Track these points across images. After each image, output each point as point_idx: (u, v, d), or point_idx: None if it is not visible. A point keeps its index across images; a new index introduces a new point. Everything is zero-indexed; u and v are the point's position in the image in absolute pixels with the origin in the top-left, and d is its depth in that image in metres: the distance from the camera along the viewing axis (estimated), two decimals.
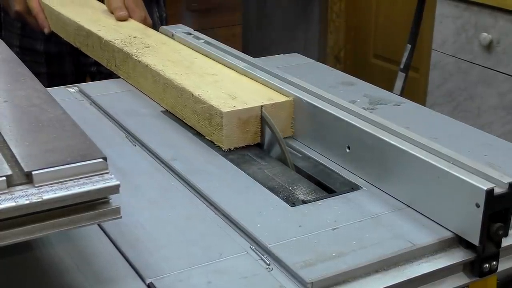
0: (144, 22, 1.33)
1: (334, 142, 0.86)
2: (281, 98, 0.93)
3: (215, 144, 0.90)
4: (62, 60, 1.52)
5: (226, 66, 1.06)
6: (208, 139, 0.91)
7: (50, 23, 1.36)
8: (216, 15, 3.06)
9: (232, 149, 0.89)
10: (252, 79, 1.00)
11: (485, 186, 0.66)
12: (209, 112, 0.89)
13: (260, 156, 0.89)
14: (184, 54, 1.12)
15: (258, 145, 0.91)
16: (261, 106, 0.90)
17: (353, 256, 0.66)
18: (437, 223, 0.71)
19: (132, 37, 1.19)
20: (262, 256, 0.67)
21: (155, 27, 1.32)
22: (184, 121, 0.97)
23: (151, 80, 1.05)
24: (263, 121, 0.90)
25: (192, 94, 0.93)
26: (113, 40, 1.16)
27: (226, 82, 0.98)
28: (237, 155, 0.88)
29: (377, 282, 0.65)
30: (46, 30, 1.35)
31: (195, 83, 0.97)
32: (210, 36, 1.21)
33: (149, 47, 1.14)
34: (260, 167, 0.86)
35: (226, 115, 0.87)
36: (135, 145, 0.93)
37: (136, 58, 1.09)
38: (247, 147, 0.91)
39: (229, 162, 0.86)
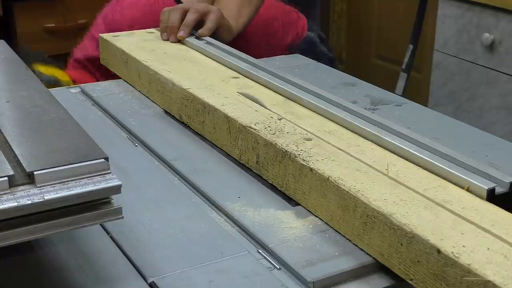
0: (209, 31, 1.19)
1: None
2: None
3: None
4: None
5: (449, 181, 0.69)
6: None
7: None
8: None
9: None
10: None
11: (486, 185, 0.66)
12: None
13: None
14: (369, 153, 0.74)
15: None
16: None
17: (355, 256, 0.66)
18: None
19: (277, 118, 0.82)
20: (264, 256, 0.67)
21: None
22: (410, 282, 0.61)
23: (335, 204, 0.68)
24: None
25: (438, 251, 0.57)
26: (253, 126, 0.80)
27: (480, 221, 0.61)
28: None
29: (378, 281, 0.64)
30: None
31: (429, 224, 0.60)
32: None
33: (311, 140, 0.77)
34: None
35: None
36: (137, 145, 0.93)
37: (304, 163, 0.72)
38: None
39: (230, 162, 0.86)
